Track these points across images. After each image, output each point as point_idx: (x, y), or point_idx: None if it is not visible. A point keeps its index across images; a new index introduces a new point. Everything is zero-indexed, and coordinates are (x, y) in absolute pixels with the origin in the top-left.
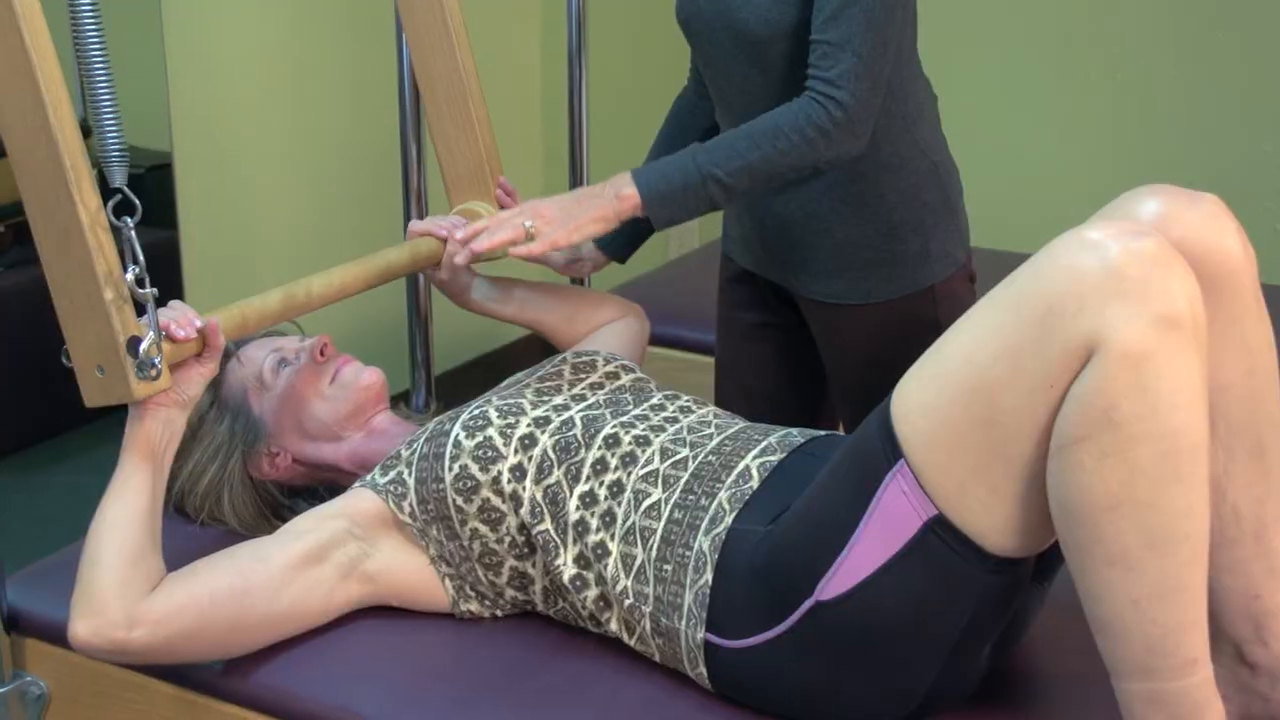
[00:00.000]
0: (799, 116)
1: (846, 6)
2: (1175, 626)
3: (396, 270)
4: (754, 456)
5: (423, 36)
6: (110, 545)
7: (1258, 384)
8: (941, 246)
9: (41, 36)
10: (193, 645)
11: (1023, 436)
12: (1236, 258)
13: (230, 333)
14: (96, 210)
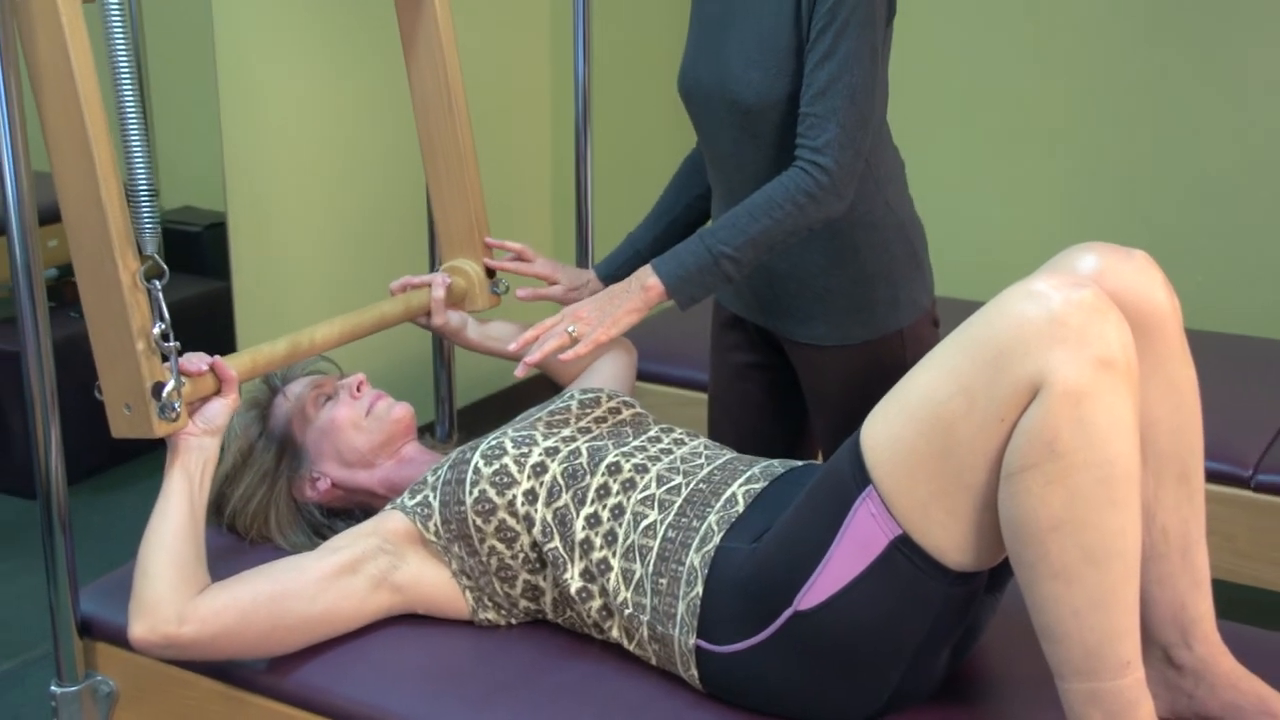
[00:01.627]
0: (789, 187)
1: (832, 84)
2: (1111, 633)
3: (390, 320)
4: (740, 484)
5: (429, 111)
6: (159, 556)
7: (1183, 418)
8: (909, 295)
9: (99, 124)
10: (237, 641)
11: (977, 465)
12: (1164, 307)
13: (242, 373)
14: (134, 273)
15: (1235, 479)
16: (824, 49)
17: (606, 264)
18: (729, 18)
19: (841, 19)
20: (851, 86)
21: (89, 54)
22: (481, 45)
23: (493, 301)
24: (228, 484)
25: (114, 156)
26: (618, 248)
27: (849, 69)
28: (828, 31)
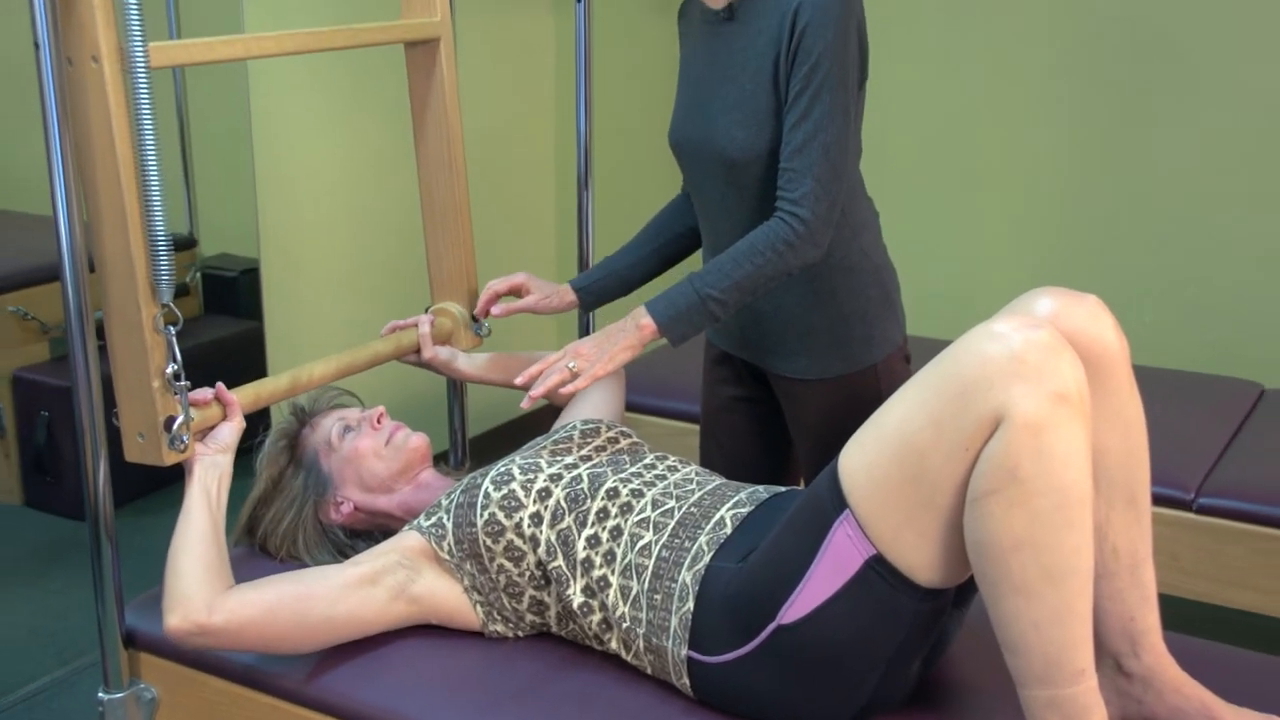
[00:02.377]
0: (770, 235)
1: (809, 141)
2: (1067, 644)
3: (382, 357)
4: (728, 508)
5: (431, 169)
6: (186, 557)
7: (1132, 447)
8: (883, 332)
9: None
10: (263, 633)
11: (945, 490)
12: (1113, 346)
13: (246, 403)
14: (153, 318)
15: (1179, 502)
16: (801, 110)
17: (582, 278)
18: (714, 80)
19: (816, 83)
20: (826, 144)
21: (127, 125)
22: (492, 105)
23: (475, 341)
24: (260, 507)
25: (143, 216)
26: (595, 266)
27: (823, 128)
28: (804, 94)
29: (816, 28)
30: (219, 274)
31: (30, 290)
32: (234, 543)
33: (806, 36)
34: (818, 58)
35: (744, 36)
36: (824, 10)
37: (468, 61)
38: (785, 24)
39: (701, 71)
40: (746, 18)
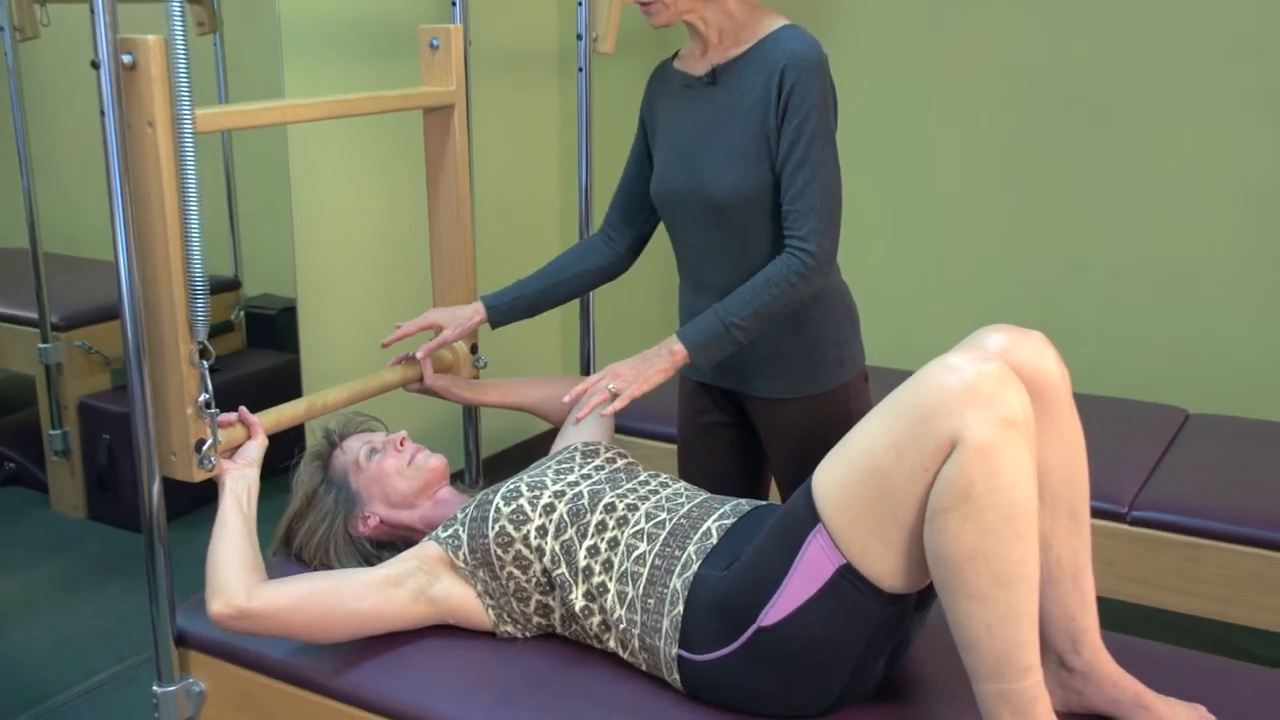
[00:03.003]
0: (783, 269)
1: (809, 184)
2: (1016, 643)
3: (389, 385)
4: (714, 520)
5: (441, 219)
6: (225, 553)
7: (1073, 466)
8: (850, 354)
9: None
10: (296, 619)
11: (907, 506)
12: (1056, 377)
13: (268, 425)
14: (189, 353)
15: (1115, 515)
16: (798, 158)
17: (494, 298)
18: (701, 136)
19: (809, 134)
20: (824, 186)
21: (175, 182)
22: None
23: (473, 373)
24: (295, 521)
25: (184, 265)
26: (506, 289)
27: (819, 172)
28: (799, 144)
29: (803, 86)
30: (260, 312)
31: (94, 327)
32: (272, 552)
33: (795, 94)
34: (807, 111)
35: (728, 96)
36: (807, 71)
37: (485, 122)
38: (772, 84)
39: (687, 129)
40: (729, 81)
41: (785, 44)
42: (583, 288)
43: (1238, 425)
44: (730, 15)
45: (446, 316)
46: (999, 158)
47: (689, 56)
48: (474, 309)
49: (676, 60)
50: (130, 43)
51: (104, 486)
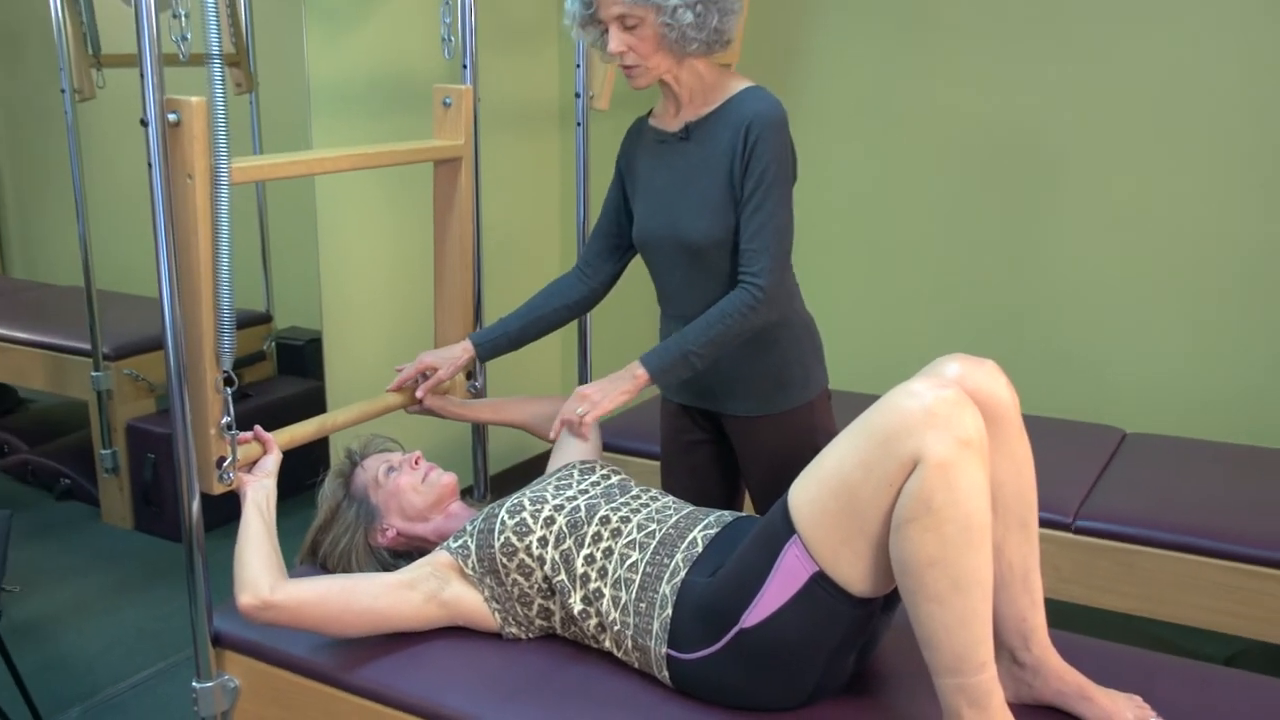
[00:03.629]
0: (736, 302)
1: (763, 227)
2: (972, 641)
3: (393, 406)
4: (699, 530)
5: (446, 259)
6: (249, 553)
7: (1022, 481)
8: (814, 376)
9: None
10: (316, 612)
11: (875, 519)
12: (1007, 401)
13: (282, 442)
14: (215, 380)
15: (1060, 524)
16: (755, 203)
17: (480, 335)
18: (677, 185)
19: (767, 183)
20: (777, 228)
21: (210, 228)
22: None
23: (468, 395)
24: (320, 533)
25: (214, 302)
26: (491, 326)
27: (774, 216)
28: (757, 191)
29: (765, 140)
30: (289, 343)
31: (140, 357)
32: (299, 561)
33: (758, 147)
34: (767, 163)
35: (700, 151)
36: (770, 127)
37: (494, 169)
38: (739, 138)
39: (664, 181)
40: (701, 137)
41: (750, 103)
42: (561, 321)
43: (1169, 443)
44: (700, 77)
45: (438, 359)
46: (953, 205)
47: (663, 114)
48: (463, 348)
49: (651, 118)
50: (175, 103)
51: (149, 501)
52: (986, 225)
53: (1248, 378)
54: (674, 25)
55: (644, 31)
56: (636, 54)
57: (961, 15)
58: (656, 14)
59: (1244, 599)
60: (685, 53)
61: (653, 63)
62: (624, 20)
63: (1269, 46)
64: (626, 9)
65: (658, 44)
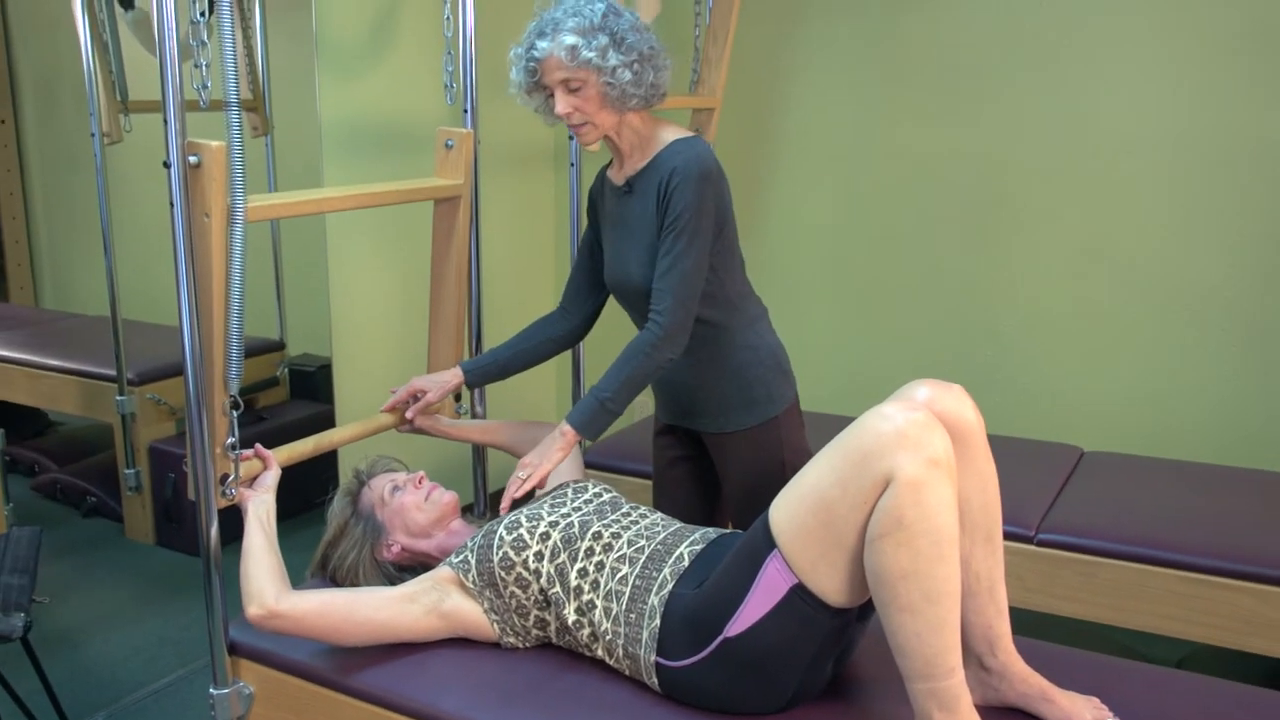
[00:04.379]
0: (640, 341)
1: (670, 270)
2: (942, 648)
3: (385, 426)
4: (686, 545)
5: (441, 289)
6: (255, 567)
7: (988, 498)
8: (780, 392)
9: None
10: (319, 622)
11: (850, 533)
12: (973, 422)
13: (281, 458)
14: (224, 403)
15: (1024, 537)
16: (666, 247)
17: (471, 363)
18: (625, 235)
19: (678, 229)
20: (683, 271)
21: (223, 267)
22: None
23: (455, 417)
24: (329, 548)
25: (225, 332)
26: (483, 355)
27: (680, 261)
28: (669, 237)
29: (680, 191)
30: (301, 369)
31: (162, 382)
32: (310, 574)
33: (673, 197)
34: (680, 212)
35: (640, 203)
36: (686, 179)
37: (493, 206)
38: (661, 188)
39: (618, 231)
40: (640, 189)
41: (673, 158)
42: (547, 354)
43: (1124, 460)
44: (636, 130)
45: (429, 383)
46: (921, 239)
47: (614, 168)
48: (453, 374)
49: (609, 169)
50: (196, 146)
51: (170, 518)
52: (952, 258)
53: (1199, 400)
54: (615, 84)
55: (587, 92)
56: (582, 113)
57: (928, 63)
58: (598, 75)
59: (1194, 605)
60: (627, 108)
61: (598, 119)
62: (568, 83)
63: (1220, 88)
64: (569, 73)
65: (601, 103)
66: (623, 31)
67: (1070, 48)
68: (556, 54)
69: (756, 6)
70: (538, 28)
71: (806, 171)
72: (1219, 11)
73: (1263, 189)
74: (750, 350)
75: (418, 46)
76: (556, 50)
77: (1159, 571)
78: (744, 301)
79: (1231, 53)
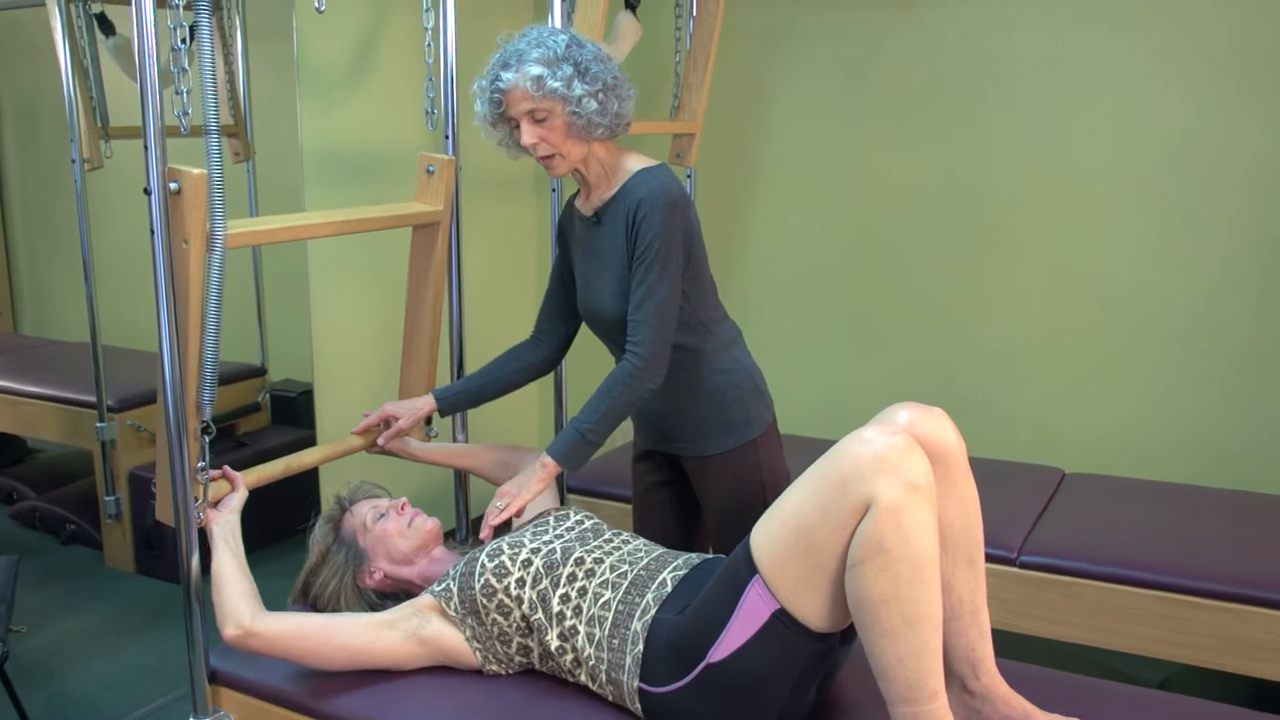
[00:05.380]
0: (619, 372)
1: (645, 300)
2: (924, 672)
3: (355, 448)
4: (669, 571)
5: (416, 313)
6: (227, 589)
7: (969, 521)
8: (757, 415)
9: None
10: (296, 643)
11: (831, 558)
12: (954, 445)
13: (249, 480)
14: (195, 428)
15: (1005, 560)
16: (639, 279)
17: (443, 390)
18: (596, 266)
19: (649, 259)
20: (658, 302)
21: (201, 293)
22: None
23: (425, 438)
24: (311, 575)
25: (200, 358)
26: (456, 383)
27: (654, 291)
28: (641, 268)
29: (648, 222)
30: (283, 395)
31: (143, 409)
32: (291, 601)
33: (642, 228)
34: (650, 242)
35: (608, 234)
36: (651, 208)
37: (476, 231)
38: (629, 220)
39: (588, 262)
40: (608, 220)
41: (639, 189)
42: (520, 382)
43: (1105, 482)
44: (601, 161)
45: (401, 409)
46: (903, 263)
47: (581, 198)
48: (425, 400)
49: (577, 199)
50: (177, 173)
51: (150, 545)
52: (934, 282)
53: (1179, 422)
54: (580, 113)
55: (553, 122)
56: (549, 144)
57: (910, 88)
58: (563, 104)
59: (1175, 626)
60: (593, 137)
61: (565, 149)
62: (534, 114)
63: (1201, 111)
64: (535, 103)
65: (567, 132)
66: (586, 62)
67: (1050, 72)
68: (522, 84)
69: (737, 31)
70: (501, 59)
71: (787, 196)
72: (1200, 34)
73: (1244, 211)
74: (726, 374)
75: (399, 73)
76: (522, 81)
77: (1141, 593)
78: (717, 326)
79: (1213, 75)
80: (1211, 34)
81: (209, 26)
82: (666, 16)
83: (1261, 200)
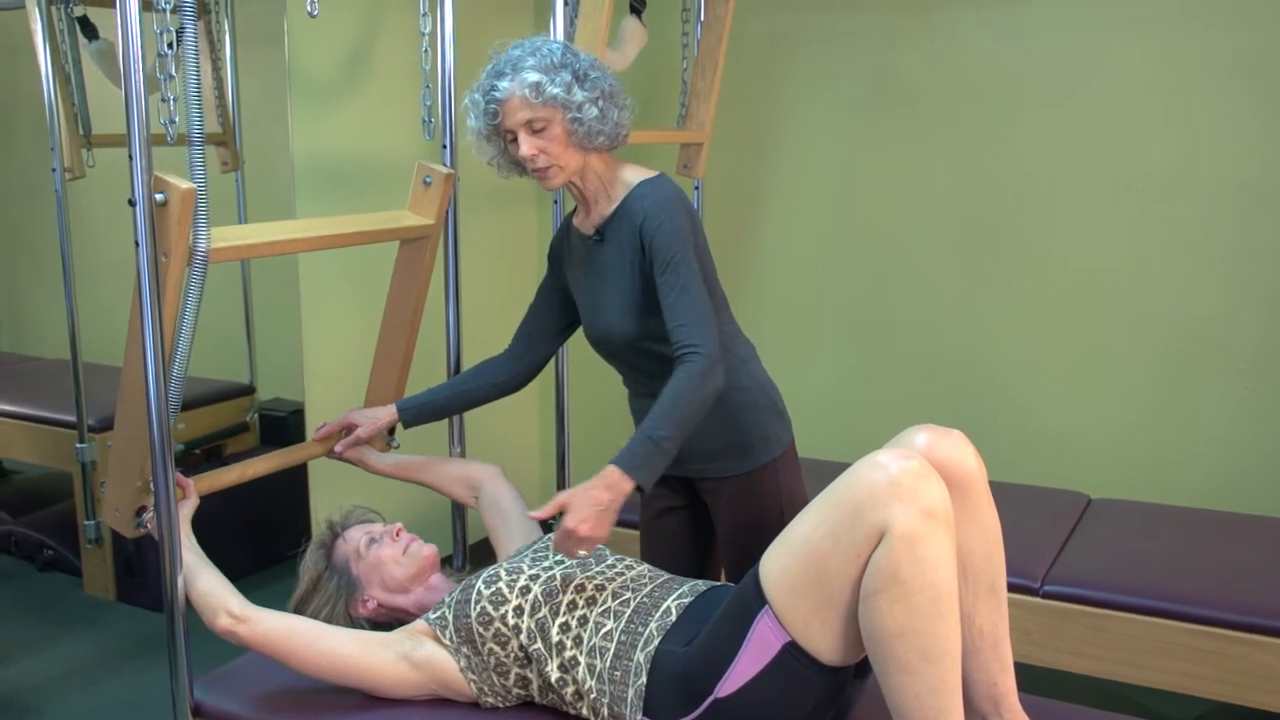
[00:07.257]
0: (687, 374)
1: (680, 302)
2: (942, 710)
3: (313, 454)
4: (673, 599)
5: (392, 325)
6: (205, 584)
7: (991, 548)
8: (775, 434)
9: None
10: (285, 642)
11: (844, 589)
12: (974, 470)
13: (200, 488)
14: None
15: (1028, 589)
16: (667, 286)
17: (406, 401)
18: (600, 285)
19: (674, 264)
20: (695, 299)
21: (176, 310)
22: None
23: (386, 449)
24: (301, 604)
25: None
26: (421, 394)
27: (688, 290)
28: (668, 273)
29: (661, 230)
30: (272, 414)
31: None
32: None
33: (656, 238)
34: (668, 246)
35: (614, 250)
36: (662, 220)
37: (475, 242)
38: (638, 234)
39: (592, 282)
40: (612, 237)
41: (642, 201)
42: (487, 398)
43: (1133, 508)
44: (599, 174)
45: (362, 417)
46: (920, 278)
47: (579, 216)
48: (387, 411)
49: (574, 218)
50: (163, 183)
51: (131, 571)
52: (950, 297)
53: (1212, 444)
54: (581, 120)
55: (553, 131)
56: (548, 155)
57: (922, 96)
58: (563, 112)
59: (1210, 661)
60: (593, 146)
61: (564, 161)
62: (531, 124)
63: (1219, 121)
64: (534, 112)
65: (566, 142)
66: (584, 68)
67: (1065, 81)
68: (520, 93)
69: (746, 37)
70: (495, 69)
71: (798, 207)
72: (1214, 45)
73: (1265, 222)
74: (743, 391)
75: (394, 80)
76: (519, 89)
77: (1172, 625)
78: (732, 341)
79: (1230, 85)
80: (1225, 42)
81: (194, 30)
82: (673, 22)
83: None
